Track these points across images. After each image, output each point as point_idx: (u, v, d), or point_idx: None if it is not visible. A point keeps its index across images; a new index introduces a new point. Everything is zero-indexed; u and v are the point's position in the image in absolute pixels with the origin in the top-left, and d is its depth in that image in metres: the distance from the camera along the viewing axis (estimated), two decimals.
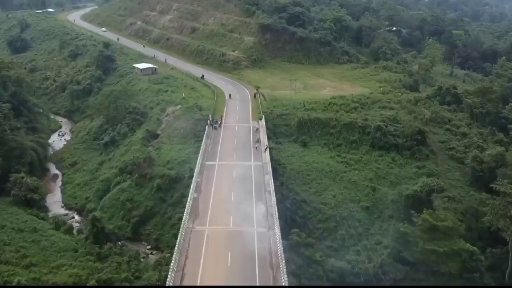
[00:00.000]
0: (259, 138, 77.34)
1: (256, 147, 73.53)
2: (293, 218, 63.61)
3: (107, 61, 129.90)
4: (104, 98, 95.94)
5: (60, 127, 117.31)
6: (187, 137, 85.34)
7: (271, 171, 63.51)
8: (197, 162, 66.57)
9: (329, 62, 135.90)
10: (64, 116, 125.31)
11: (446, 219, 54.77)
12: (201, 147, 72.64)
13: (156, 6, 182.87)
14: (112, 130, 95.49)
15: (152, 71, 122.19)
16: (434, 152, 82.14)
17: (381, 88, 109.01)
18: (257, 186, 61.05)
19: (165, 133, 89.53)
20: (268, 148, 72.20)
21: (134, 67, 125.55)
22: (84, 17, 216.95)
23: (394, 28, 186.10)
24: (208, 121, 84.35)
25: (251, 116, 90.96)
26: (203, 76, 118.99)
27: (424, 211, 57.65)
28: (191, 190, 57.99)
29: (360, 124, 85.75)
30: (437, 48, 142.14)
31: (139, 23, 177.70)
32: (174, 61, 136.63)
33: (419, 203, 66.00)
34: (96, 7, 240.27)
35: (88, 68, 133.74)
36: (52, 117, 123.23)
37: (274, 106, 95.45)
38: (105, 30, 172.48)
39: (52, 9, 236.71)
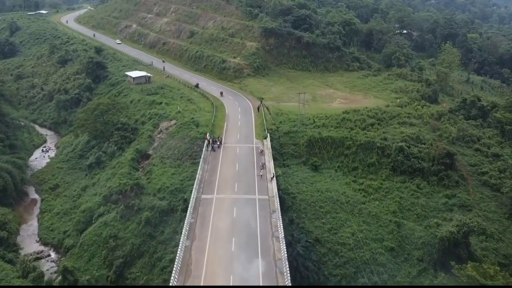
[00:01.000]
0: (264, 163, 66.94)
1: (261, 175, 63.10)
2: (306, 265, 53.19)
3: (97, 68, 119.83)
4: (90, 113, 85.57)
5: (45, 141, 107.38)
6: (181, 158, 75.10)
7: (279, 210, 53.13)
8: (192, 197, 56.20)
9: (338, 69, 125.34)
10: (50, 129, 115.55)
11: (497, 275, 44.26)
12: (197, 175, 62.27)
13: (153, 7, 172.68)
14: (98, 148, 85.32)
15: (146, 79, 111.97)
16: (464, 177, 71.59)
17: (398, 100, 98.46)
18: (262, 229, 50.63)
19: (157, 153, 79.23)
20: (275, 177, 61.78)
21: (127, 75, 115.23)
22: (78, 20, 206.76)
23: (405, 31, 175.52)
24: (206, 141, 74.03)
25: (254, 133, 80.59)
26: (197, 84, 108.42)
27: (468, 266, 47.04)
28: (182, 236, 47.57)
29: (378, 144, 75.26)
30: (454, 54, 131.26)
31: (134, 26, 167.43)
32: (170, 67, 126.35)
33: (454, 245, 55.73)
34: (92, 8, 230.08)
35: (77, 76, 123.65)
36: (37, 130, 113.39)
37: (280, 122, 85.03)
38: (119, 42, 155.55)
39: (45, 10, 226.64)
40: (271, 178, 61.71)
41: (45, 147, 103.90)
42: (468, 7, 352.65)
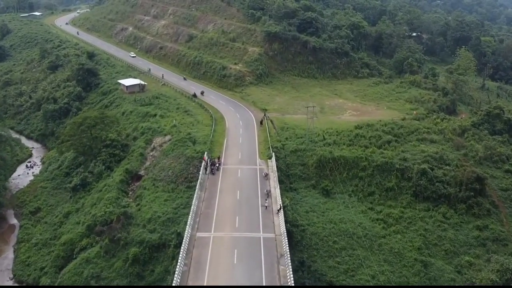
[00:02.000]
0: (269, 190, 58.67)
1: (266, 206, 54.74)
2: None
3: (88, 75, 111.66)
4: (76, 127, 77.27)
5: (30, 156, 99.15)
6: (176, 181, 66.73)
7: (288, 253, 44.77)
8: (185, 236, 47.89)
9: (347, 76, 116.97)
10: (37, 141, 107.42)
11: None
12: (192, 206, 53.90)
13: (151, 9, 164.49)
14: (84, 168, 76.97)
15: (140, 88, 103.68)
16: (496, 204, 63.22)
17: (414, 112, 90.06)
18: (269, 280, 42.21)
19: (149, 174, 70.87)
20: (282, 209, 53.40)
21: (119, 84, 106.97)
22: (73, 22, 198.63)
23: (414, 34, 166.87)
24: (203, 162, 65.70)
25: (257, 152, 72.26)
26: (202, 92, 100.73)
27: None
28: None
29: (397, 165, 66.81)
30: (470, 59, 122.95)
31: (130, 28, 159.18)
32: (166, 74, 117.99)
33: None
34: (88, 10, 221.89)
35: (68, 83, 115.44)
36: (22, 142, 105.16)
37: (286, 139, 76.66)
38: (134, 55, 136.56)
39: (39, 12, 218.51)
40: (278, 210, 53.35)
41: (30, 162, 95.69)
42: (475, 8, 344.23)
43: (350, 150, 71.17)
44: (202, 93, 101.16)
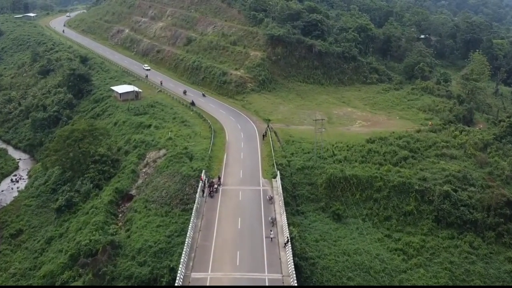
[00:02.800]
0: (275, 218, 51.96)
1: (271, 238, 48.05)
2: None
3: (80, 81, 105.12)
4: (62, 141, 70.63)
5: (16, 168, 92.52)
6: (170, 203, 60.16)
7: None
8: (177, 277, 41.21)
9: (355, 82, 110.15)
10: (25, 151, 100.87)
11: None
12: (186, 239, 47.28)
13: (148, 11, 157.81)
14: (71, 186, 70.27)
15: (135, 95, 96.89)
16: None
17: (430, 123, 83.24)
18: None
19: (141, 194, 64.22)
20: (289, 241, 46.73)
21: (113, 90, 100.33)
22: (69, 23, 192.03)
23: (423, 36, 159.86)
24: (200, 183, 59.06)
25: (260, 169, 65.52)
26: (193, 102, 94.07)
27: None
28: None
29: (416, 186, 60.12)
30: (484, 63, 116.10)
31: (127, 31, 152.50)
32: (163, 79, 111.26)
33: None
34: (85, 11, 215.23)
35: (59, 89, 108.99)
36: (9, 153, 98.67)
37: (292, 154, 69.92)
38: (148, 68, 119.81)
39: (34, 13, 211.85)
40: (285, 244, 46.65)
41: (15, 175, 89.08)
42: (480, 8, 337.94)
43: (363, 168, 64.43)
44: (193, 103, 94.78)
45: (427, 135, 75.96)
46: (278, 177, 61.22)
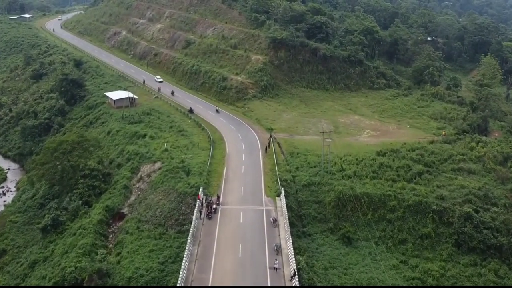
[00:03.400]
0: (280, 244, 46.85)
1: (276, 268, 42.95)
2: None
3: (73, 87, 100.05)
4: (49, 154, 65.58)
5: (4, 180, 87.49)
6: (164, 224, 55.23)
7: None
8: None
9: (361, 88, 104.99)
10: (14, 160, 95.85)
11: None
12: (181, 272, 42.18)
13: (146, 12, 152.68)
14: (58, 202, 65.17)
15: (130, 102, 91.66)
16: None
17: (443, 132, 78.11)
18: None
19: (134, 213, 59.22)
20: (296, 274, 41.61)
21: (107, 97, 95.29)
22: (65, 25, 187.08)
23: (429, 38, 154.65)
24: (197, 202, 54.02)
25: (263, 186, 60.38)
26: (191, 109, 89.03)
27: None
28: None
29: (434, 206, 54.99)
30: (496, 67, 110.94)
31: (124, 33, 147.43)
32: (161, 85, 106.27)
33: None
34: (82, 12, 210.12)
35: (51, 95, 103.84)
36: None
37: (297, 168, 64.81)
38: (160, 79, 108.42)
39: (30, 14, 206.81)
40: (291, 277, 41.53)
41: (2, 187, 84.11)
42: (485, 9, 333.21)
43: (375, 184, 59.27)
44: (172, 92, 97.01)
45: (442, 146, 70.77)
46: (283, 195, 56.21)
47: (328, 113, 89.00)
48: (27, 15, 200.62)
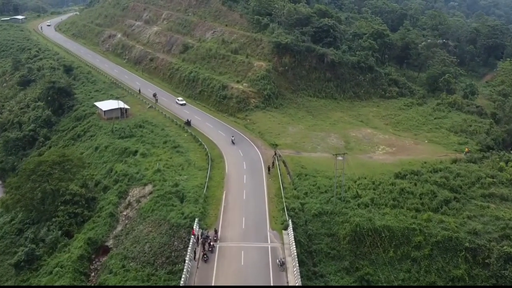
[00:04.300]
0: None
1: None
2: None
3: (60, 95, 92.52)
4: (25, 177, 58.10)
5: None
6: (154, 263, 47.85)
7: None
8: None
9: (372, 96, 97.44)
10: None
11: None
12: None
13: (143, 13, 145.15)
14: (36, 231, 57.67)
15: (121, 112, 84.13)
16: None
17: (466, 149, 70.46)
18: None
19: (120, 247, 51.74)
20: None
21: (97, 107, 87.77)
22: (59, 26, 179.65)
23: (440, 41, 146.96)
24: (192, 239, 46.52)
25: (268, 215, 52.78)
26: (187, 121, 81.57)
27: None
28: None
29: (466, 243, 47.33)
30: None
31: (119, 35, 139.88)
32: (155, 90, 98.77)
33: None
34: (77, 13, 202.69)
35: (38, 103, 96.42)
36: None
37: (306, 194, 57.25)
38: (183, 102, 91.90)
39: (23, 16, 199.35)
40: None
41: None
42: (492, 10, 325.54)
43: (396, 215, 51.58)
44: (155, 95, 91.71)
45: (467, 167, 63.12)
46: (290, 228, 48.65)
47: (338, 126, 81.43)
48: (19, 17, 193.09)
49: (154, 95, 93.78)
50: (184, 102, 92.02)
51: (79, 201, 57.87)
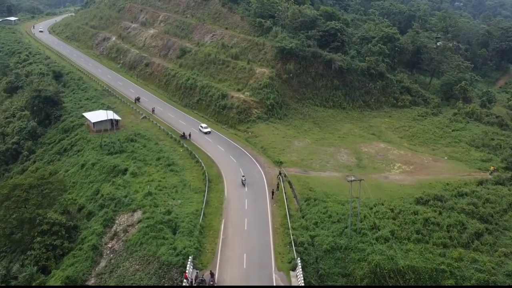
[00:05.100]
0: None
1: None
2: None
3: (47, 105, 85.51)
4: None
5: None
6: None
7: None
8: None
9: (383, 105, 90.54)
10: None
11: None
12: None
13: (139, 15, 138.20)
14: (8, 266, 50.78)
15: (111, 124, 76.96)
16: None
17: (491, 168, 63.59)
18: None
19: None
20: None
21: (86, 118, 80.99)
22: (53, 28, 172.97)
23: (451, 44, 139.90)
24: (184, 283, 39.72)
25: (273, 252, 45.86)
26: (183, 135, 74.84)
27: None
28: None
29: None
30: None
31: (113, 38, 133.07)
32: (152, 100, 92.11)
33: None
34: (73, 14, 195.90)
35: (24, 112, 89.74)
36: None
37: (316, 223, 50.36)
38: (207, 128, 77.83)
39: (16, 17, 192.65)
40: None
41: None
42: (498, 10, 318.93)
43: (421, 252, 44.68)
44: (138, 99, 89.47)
45: (496, 190, 56.31)
46: (299, 269, 41.79)
47: (348, 140, 74.52)
48: (12, 18, 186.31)
49: (137, 99, 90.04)
50: (209, 130, 77.39)
51: (58, 231, 50.90)
